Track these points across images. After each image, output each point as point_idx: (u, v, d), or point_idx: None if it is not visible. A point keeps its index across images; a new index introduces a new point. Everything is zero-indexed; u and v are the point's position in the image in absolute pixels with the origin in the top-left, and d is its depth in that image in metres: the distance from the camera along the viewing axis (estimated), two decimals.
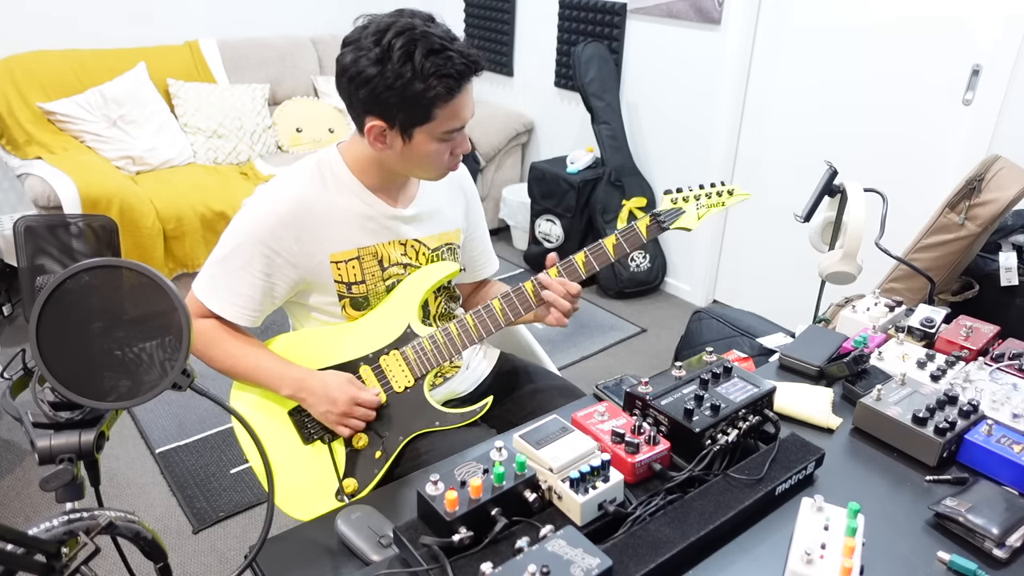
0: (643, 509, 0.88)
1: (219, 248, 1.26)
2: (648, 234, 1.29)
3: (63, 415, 0.72)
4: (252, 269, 1.24)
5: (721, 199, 1.32)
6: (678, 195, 1.32)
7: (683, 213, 1.31)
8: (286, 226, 1.23)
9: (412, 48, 1.12)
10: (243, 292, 1.25)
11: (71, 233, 0.77)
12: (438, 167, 1.27)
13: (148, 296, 0.67)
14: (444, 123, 1.19)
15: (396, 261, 1.34)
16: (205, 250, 3.06)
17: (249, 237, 1.23)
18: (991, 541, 0.87)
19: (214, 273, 1.27)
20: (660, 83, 3.37)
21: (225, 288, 1.26)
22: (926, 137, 2.57)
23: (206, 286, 1.27)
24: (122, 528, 0.76)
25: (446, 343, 1.29)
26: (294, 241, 1.24)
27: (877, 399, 1.09)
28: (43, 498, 2.11)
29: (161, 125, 3.33)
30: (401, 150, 1.22)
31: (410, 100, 1.15)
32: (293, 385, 1.25)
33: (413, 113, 1.17)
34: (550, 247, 3.67)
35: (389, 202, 1.32)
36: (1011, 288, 1.76)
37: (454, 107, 1.18)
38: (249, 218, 1.25)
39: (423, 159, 1.23)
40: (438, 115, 1.18)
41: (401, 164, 1.26)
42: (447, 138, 1.22)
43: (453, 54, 1.13)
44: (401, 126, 1.18)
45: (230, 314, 1.26)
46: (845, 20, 2.70)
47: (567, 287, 1.26)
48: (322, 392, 1.23)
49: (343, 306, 1.32)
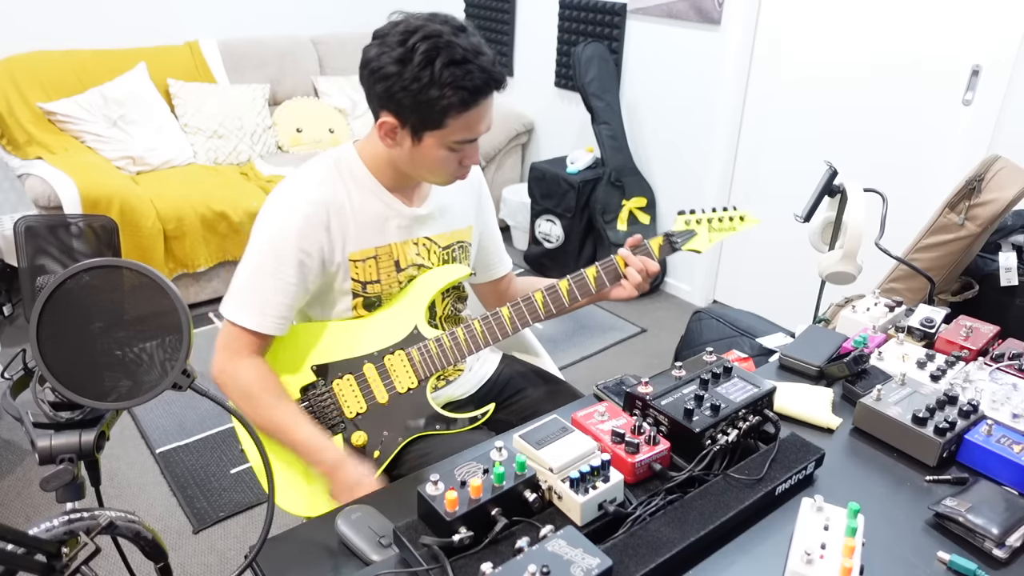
0: (643, 509, 0.88)
1: (247, 260, 1.24)
2: (660, 254, 1.33)
3: (63, 415, 0.72)
4: (283, 275, 1.22)
5: (733, 224, 1.35)
6: (691, 217, 1.34)
7: (695, 235, 1.34)
8: (315, 226, 1.22)
9: (434, 55, 1.11)
10: (277, 301, 1.23)
11: (71, 233, 0.77)
12: (445, 174, 1.26)
13: (148, 296, 0.67)
14: (456, 133, 1.18)
15: (412, 262, 1.34)
16: (205, 250, 3.06)
17: (279, 243, 1.21)
18: (991, 541, 0.87)
19: (244, 288, 1.23)
20: (660, 83, 3.37)
21: (258, 300, 1.22)
22: (926, 137, 2.57)
23: (236, 305, 1.23)
24: (122, 528, 0.76)
25: (452, 347, 1.29)
26: (325, 241, 1.24)
27: (877, 399, 1.09)
28: (43, 498, 2.11)
29: (161, 125, 3.33)
30: (410, 150, 1.22)
31: (424, 105, 1.14)
32: (329, 465, 1.21)
33: (425, 118, 1.16)
34: (550, 247, 3.67)
35: (406, 201, 1.32)
36: (1011, 288, 1.76)
37: (468, 119, 1.17)
38: (274, 222, 1.23)
39: (431, 164, 1.23)
40: (450, 124, 1.17)
41: (409, 164, 1.25)
42: (457, 148, 1.21)
43: (473, 68, 1.13)
44: (412, 127, 1.18)
45: (265, 326, 1.23)
46: (845, 20, 2.70)
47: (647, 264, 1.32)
48: (346, 487, 1.20)
49: (355, 306, 1.32)
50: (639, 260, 1.31)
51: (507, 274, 1.59)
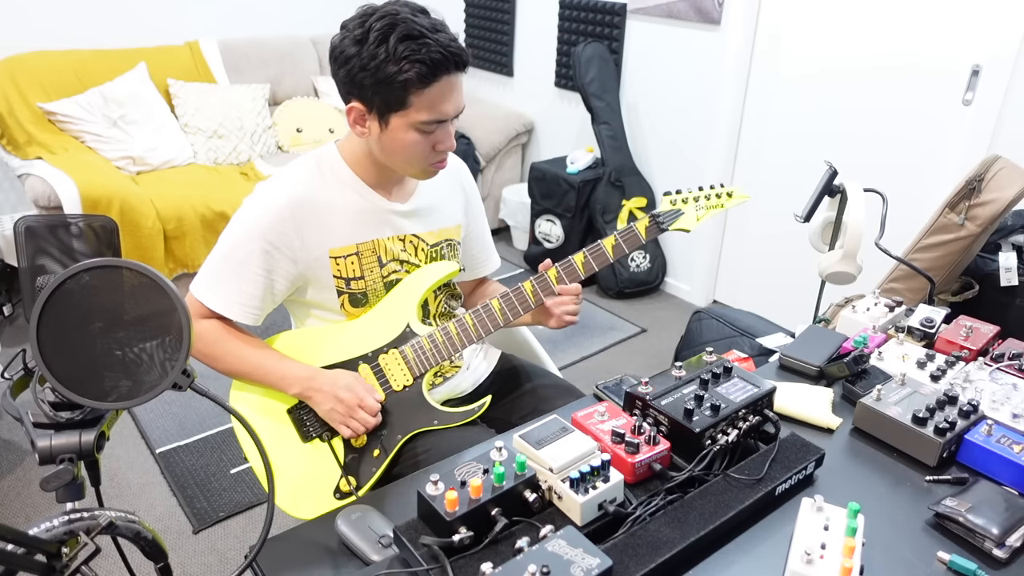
0: (643, 509, 0.88)
1: (219, 247, 1.27)
2: (647, 235, 1.31)
3: (63, 415, 0.72)
4: (252, 265, 1.24)
5: (720, 201, 1.34)
6: (677, 196, 1.33)
7: (682, 215, 1.32)
8: (284, 221, 1.24)
9: (390, 31, 1.13)
10: (244, 289, 1.25)
11: (71, 233, 0.77)
12: (420, 161, 1.25)
13: (148, 296, 0.67)
14: (421, 112, 1.18)
15: (394, 257, 1.34)
16: (205, 250, 3.06)
17: (249, 233, 1.24)
18: (991, 541, 0.87)
19: (214, 271, 1.27)
20: (660, 83, 3.37)
21: (226, 286, 1.26)
22: (926, 137, 2.57)
23: (206, 285, 1.27)
24: (122, 528, 0.76)
25: (445, 342, 1.30)
26: (294, 236, 1.25)
27: (877, 399, 1.09)
28: (43, 498, 2.11)
29: (161, 125, 3.33)
30: (380, 137, 1.22)
31: (383, 83, 1.15)
32: (301, 383, 1.25)
33: (388, 98, 1.17)
34: (550, 247, 3.67)
35: (388, 197, 1.33)
36: (1011, 288, 1.76)
37: (431, 97, 1.17)
38: (248, 215, 1.25)
39: (402, 149, 1.22)
40: (413, 103, 1.17)
41: (382, 153, 1.25)
42: (425, 129, 1.20)
43: (430, 42, 1.13)
44: (379, 111, 1.19)
45: (232, 312, 1.26)
46: (845, 20, 2.70)
47: (568, 291, 1.32)
48: (330, 390, 1.24)
49: (342, 303, 1.33)
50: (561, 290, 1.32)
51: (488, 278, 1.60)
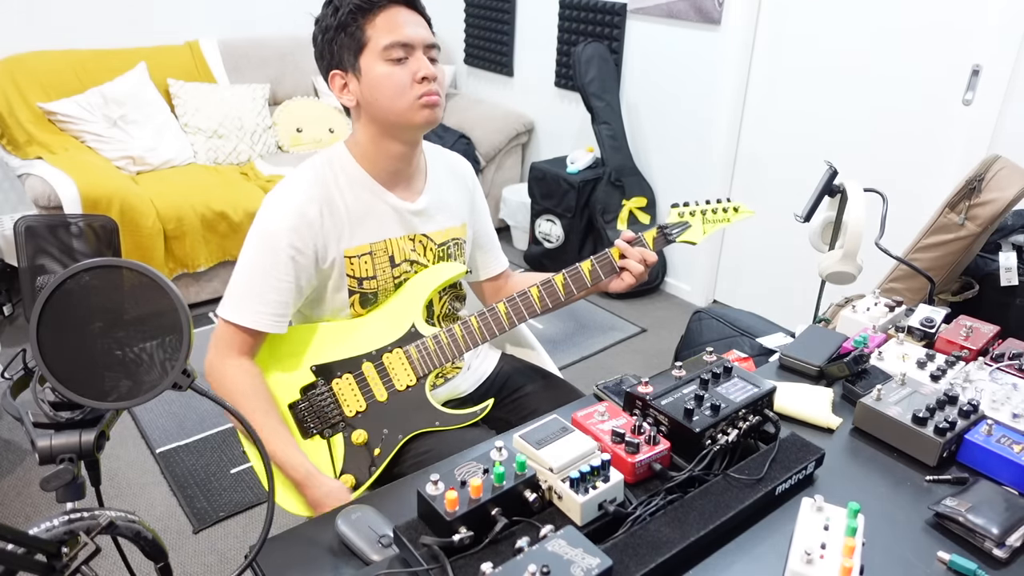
0: (643, 509, 0.88)
1: (241, 264, 1.25)
2: (654, 246, 1.34)
3: (63, 415, 0.72)
4: (278, 273, 1.23)
5: (727, 215, 1.36)
6: (684, 209, 1.36)
7: (689, 227, 1.35)
8: (307, 225, 1.23)
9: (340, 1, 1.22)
10: (272, 299, 1.24)
11: (71, 233, 0.77)
12: (404, 95, 1.22)
13: (148, 296, 0.67)
14: (380, 37, 1.20)
15: (406, 257, 1.35)
16: (205, 250, 3.06)
17: (271, 241, 1.23)
18: (991, 541, 0.87)
19: (242, 287, 1.25)
20: (660, 83, 3.37)
21: (256, 299, 1.24)
22: (926, 137, 2.57)
23: (234, 304, 1.25)
24: (123, 528, 0.76)
25: (450, 344, 1.30)
26: (316, 239, 1.25)
27: (877, 399, 1.09)
28: (43, 498, 2.11)
29: (161, 125, 3.33)
30: (362, 91, 1.24)
31: (339, 31, 1.21)
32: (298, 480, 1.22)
33: (348, 43, 1.22)
34: (550, 247, 3.67)
35: (399, 195, 1.33)
36: (1011, 288, 1.76)
37: (385, 21, 1.20)
38: (267, 224, 1.24)
39: (384, 89, 1.22)
40: (370, 33, 1.20)
41: (375, 109, 1.24)
42: (393, 56, 1.21)
43: None
44: (350, 64, 1.23)
45: (263, 324, 1.24)
46: (845, 20, 2.70)
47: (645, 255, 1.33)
48: (314, 501, 1.21)
49: (352, 303, 1.33)
50: (637, 251, 1.32)
51: (504, 271, 1.59)
